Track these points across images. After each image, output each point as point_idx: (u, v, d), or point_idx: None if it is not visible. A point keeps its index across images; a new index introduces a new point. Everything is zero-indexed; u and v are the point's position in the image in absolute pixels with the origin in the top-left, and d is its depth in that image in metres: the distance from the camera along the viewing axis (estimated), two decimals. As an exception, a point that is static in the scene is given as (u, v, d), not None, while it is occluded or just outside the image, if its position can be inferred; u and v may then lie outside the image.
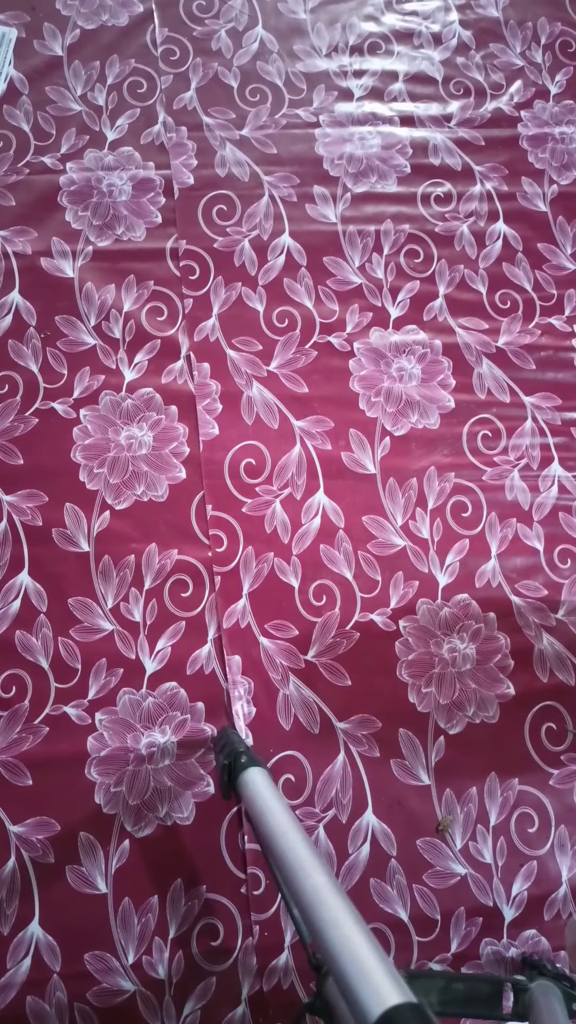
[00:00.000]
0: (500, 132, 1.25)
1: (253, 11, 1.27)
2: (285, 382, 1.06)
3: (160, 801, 0.88)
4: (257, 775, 0.70)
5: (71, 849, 0.85)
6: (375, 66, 1.26)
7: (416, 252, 1.16)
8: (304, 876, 0.51)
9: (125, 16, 1.24)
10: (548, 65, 1.31)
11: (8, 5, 1.22)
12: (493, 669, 0.98)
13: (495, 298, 1.15)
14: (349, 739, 0.92)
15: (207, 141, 1.18)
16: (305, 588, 0.97)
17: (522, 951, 0.89)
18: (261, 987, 0.84)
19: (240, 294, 1.10)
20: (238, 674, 0.93)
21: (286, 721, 0.92)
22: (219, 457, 1.02)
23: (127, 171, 1.15)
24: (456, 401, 1.09)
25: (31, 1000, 0.81)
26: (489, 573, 1.01)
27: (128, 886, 0.85)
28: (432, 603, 0.99)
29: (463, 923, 0.88)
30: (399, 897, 0.88)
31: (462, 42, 1.30)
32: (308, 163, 1.19)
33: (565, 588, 1.02)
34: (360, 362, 1.09)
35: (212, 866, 0.87)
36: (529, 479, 1.06)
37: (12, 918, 0.83)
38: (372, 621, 0.97)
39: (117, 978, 0.82)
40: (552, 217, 1.21)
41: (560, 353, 1.14)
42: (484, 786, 0.93)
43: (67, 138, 1.15)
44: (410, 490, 1.03)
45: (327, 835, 0.89)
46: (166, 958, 0.84)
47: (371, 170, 1.20)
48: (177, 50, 1.23)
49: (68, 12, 1.23)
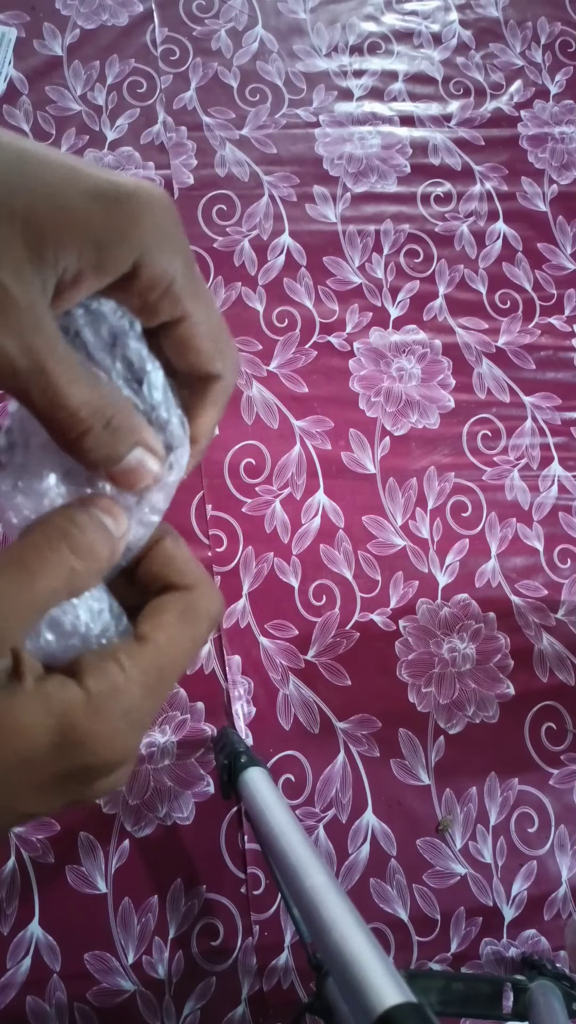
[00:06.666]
0: (500, 132, 1.25)
1: (253, 11, 1.27)
2: (285, 382, 1.06)
3: (160, 801, 0.88)
4: (257, 775, 0.70)
5: (71, 849, 0.85)
6: (375, 66, 1.26)
7: (416, 252, 1.16)
8: (304, 876, 0.51)
9: (125, 16, 1.24)
10: (548, 65, 1.31)
11: (8, 5, 1.22)
12: (493, 669, 0.98)
13: (495, 298, 1.15)
14: (349, 739, 0.92)
15: (207, 141, 1.18)
16: (305, 588, 0.97)
17: (522, 951, 0.89)
18: (261, 987, 0.84)
19: (240, 294, 1.10)
20: (238, 674, 0.93)
21: (286, 721, 0.92)
22: (219, 457, 1.02)
23: (127, 171, 1.15)
24: (456, 401, 1.09)
25: (31, 1000, 0.81)
26: (489, 573, 1.01)
27: (128, 886, 0.85)
28: (432, 603, 0.99)
29: (463, 923, 0.88)
30: (399, 897, 0.88)
31: (462, 42, 1.30)
32: (308, 163, 1.19)
33: (565, 588, 1.02)
34: (360, 362, 1.09)
35: (212, 866, 0.87)
36: (529, 479, 1.06)
37: (12, 918, 0.83)
38: (372, 621, 0.97)
39: (117, 978, 0.82)
40: (552, 217, 1.21)
41: (560, 353, 1.14)
42: (484, 786, 0.93)
43: (67, 138, 1.15)
44: (410, 490, 1.03)
45: (327, 835, 0.89)
46: (166, 958, 0.84)
47: (371, 170, 1.20)
48: (177, 50, 1.23)
49: (68, 12, 1.23)
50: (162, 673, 0.19)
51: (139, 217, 0.17)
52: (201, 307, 0.19)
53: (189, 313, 0.19)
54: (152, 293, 0.18)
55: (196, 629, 0.20)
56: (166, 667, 0.19)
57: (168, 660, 0.19)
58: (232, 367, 0.21)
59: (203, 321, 0.20)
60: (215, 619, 0.21)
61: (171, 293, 0.18)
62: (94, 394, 0.18)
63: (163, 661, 0.19)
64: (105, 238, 0.17)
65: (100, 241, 0.17)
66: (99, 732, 0.17)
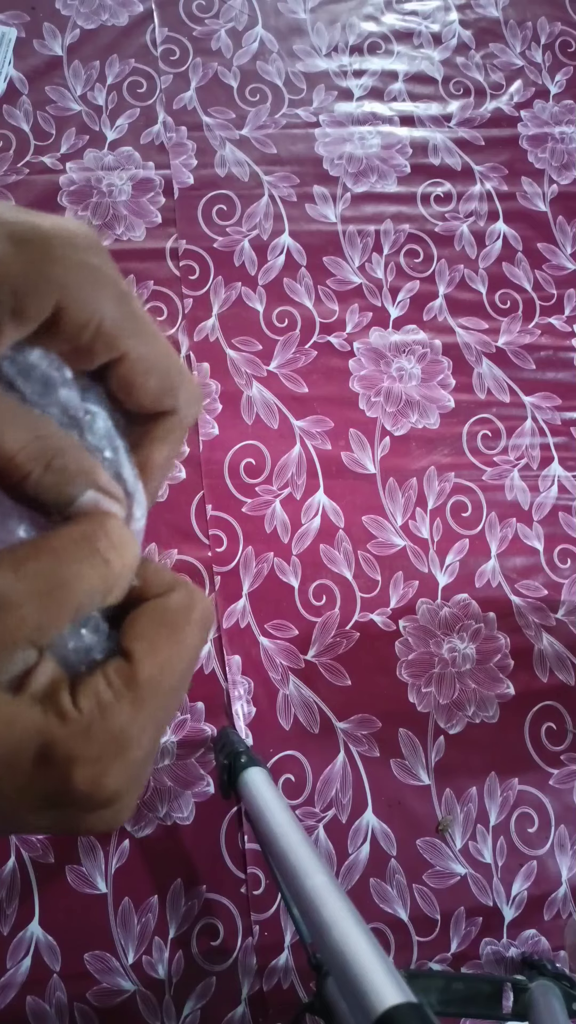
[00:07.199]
0: (500, 132, 1.25)
1: (253, 11, 1.27)
2: (285, 382, 1.06)
3: (160, 801, 0.88)
4: (257, 775, 0.70)
5: (71, 849, 0.85)
6: (375, 66, 1.26)
7: (416, 252, 1.16)
8: (304, 876, 0.51)
9: (125, 16, 1.24)
10: (548, 65, 1.31)
11: (8, 5, 1.22)
12: (493, 669, 0.98)
13: (495, 298, 1.15)
14: (349, 739, 0.92)
15: (207, 141, 1.18)
16: (305, 588, 0.97)
17: (522, 951, 0.89)
18: (261, 987, 0.84)
19: (240, 294, 1.10)
20: (238, 674, 0.93)
21: (286, 721, 0.92)
22: (219, 457, 1.02)
23: (127, 171, 1.15)
24: (456, 401, 1.09)
25: (31, 1000, 0.81)
26: (489, 573, 1.01)
27: (128, 886, 0.85)
28: (432, 603, 0.99)
29: (463, 923, 0.88)
30: (399, 897, 0.88)
31: (462, 42, 1.30)
32: (308, 163, 1.19)
33: (565, 588, 1.02)
34: (360, 362, 1.09)
35: (212, 866, 0.87)
36: (529, 479, 1.06)
37: (12, 918, 0.83)
38: (372, 621, 0.97)
39: (117, 978, 0.82)
40: (552, 217, 1.21)
41: (560, 353, 1.14)
42: (484, 786, 0.93)
43: (67, 138, 1.15)
44: (410, 490, 1.03)
45: (327, 835, 0.89)
46: (166, 958, 0.84)
47: (371, 170, 1.20)
48: (177, 50, 1.23)
49: (68, 12, 1.23)
50: (154, 686, 0.17)
51: (57, 257, 0.17)
52: (142, 344, 0.19)
53: (126, 351, 0.18)
54: (82, 335, 0.18)
55: (178, 633, 0.19)
56: (156, 678, 0.18)
57: (156, 670, 0.18)
58: (188, 399, 0.20)
59: (144, 358, 0.19)
60: (200, 620, 0.19)
61: (103, 333, 0.18)
62: (29, 436, 0.17)
63: (151, 672, 0.18)
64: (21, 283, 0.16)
65: (15, 286, 0.16)
66: (86, 757, 0.16)
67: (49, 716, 0.16)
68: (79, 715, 0.16)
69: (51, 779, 0.16)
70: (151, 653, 0.18)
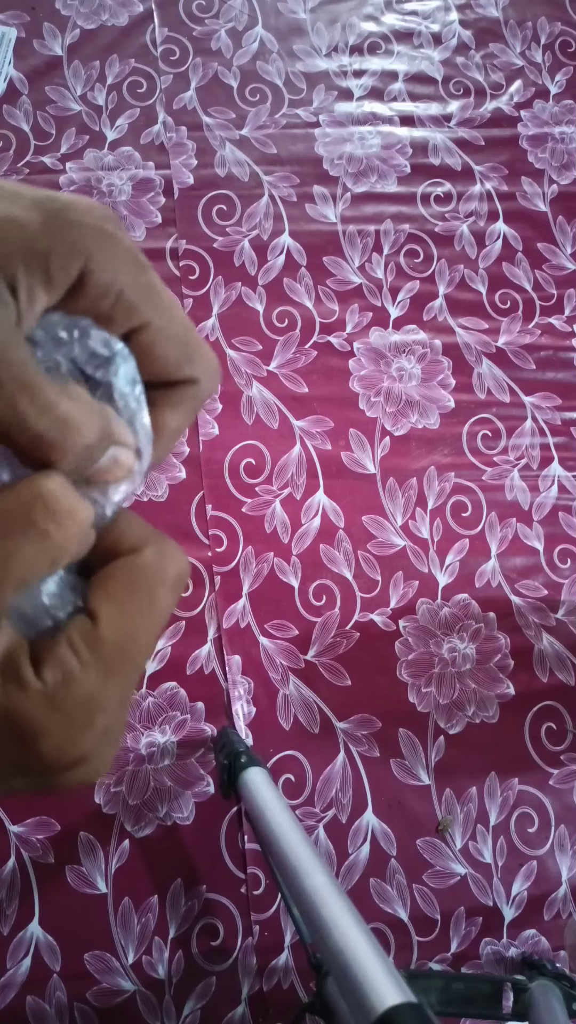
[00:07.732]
0: (500, 132, 1.25)
1: (253, 11, 1.27)
2: (285, 382, 1.06)
3: (160, 801, 0.88)
4: (257, 775, 0.70)
5: (71, 849, 0.85)
6: (375, 66, 1.26)
7: (416, 252, 1.16)
8: (304, 876, 0.51)
9: (125, 16, 1.24)
10: (548, 65, 1.31)
11: (8, 5, 1.22)
12: (493, 669, 0.98)
13: (495, 298, 1.15)
14: (349, 739, 0.92)
15: (207, 141, 1.18)
16: (305, 588, 0.97)
17: (522, 951, 0.89)
18: (261, 987, 0.84)
19: (240, 294, 1.10)
20: (238, 674, 0.93)
21: (286, 721, 0.92)
22: (219, 457, 1.02)
23: (127, 171, 1.15)
24: (456, 401, 1.09)
25: (31, 1000, 0.81)
26: (489, 573, 1.01)
27: (128, 886, 0.85)
28: (432, 603, 0.99)
29: (463, 923, 0.88)
30: (399, 897, 0.88)
31: (462, 42, 1.30)
32: (308, 163, 1.19)
33: (565, 588, 1.02)
34: (360, 362, 1.09)
35: (212, 866, 0.87)
36: (529, 479, 1.06)
37: (12, 918, 0.83)
38: (372, 621, 0.97)
39: (117, 978, 0.82)
40: (552, 217, 1.21)
41: (560, 353, 1.14)
42: (484, 786, 0.93)
43: (67, 138, 1.15)
44: (410, 490, 1.03)
45: (327, 835, 0.89)
46: (166, 958, 0.84)
47: (371, 170, 1.20)
48: (177, 50, 1.23)
49: (68, 12, 1.23)
50: (122, 651, 0.17)
51: (81, 222, 0.17)
52: (162, 314, 0.19)
53: (148, 321, 0.18)
54: (103, 302, 0.18)
55: (148, 593, 0.18)
56: (123, 643, 0.17)
57: (124, 634, 0.17)
58: (207, 371, 0.20)
59: (164, 328, 0.19)
60: (173, 577, 0.18)
61: (124, 301, 0.18)
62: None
63: (118, 637, 0.17)
64: (50, 249, 0.16)
65: (46, 252, 0.16)
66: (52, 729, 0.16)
67: (9, 688, 0.16)
68: (42, 686, 0.16)
69: (17, 751, 0.16)
70: (119, 617, 0.17)
